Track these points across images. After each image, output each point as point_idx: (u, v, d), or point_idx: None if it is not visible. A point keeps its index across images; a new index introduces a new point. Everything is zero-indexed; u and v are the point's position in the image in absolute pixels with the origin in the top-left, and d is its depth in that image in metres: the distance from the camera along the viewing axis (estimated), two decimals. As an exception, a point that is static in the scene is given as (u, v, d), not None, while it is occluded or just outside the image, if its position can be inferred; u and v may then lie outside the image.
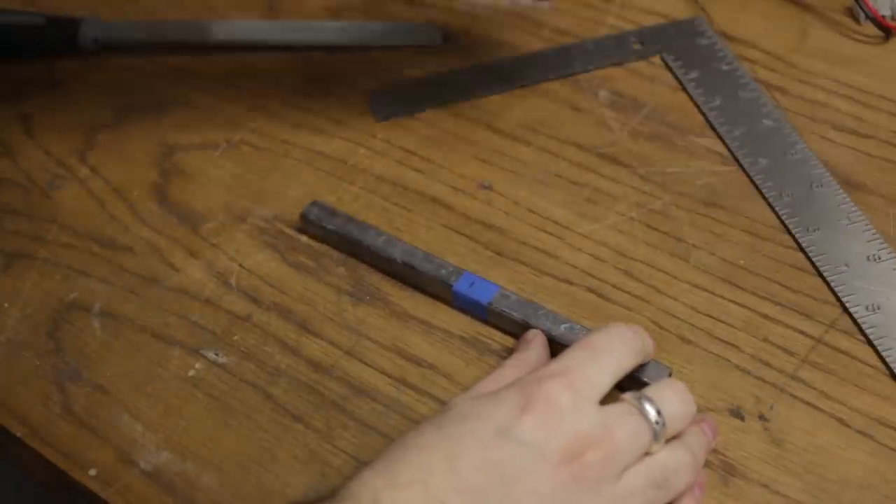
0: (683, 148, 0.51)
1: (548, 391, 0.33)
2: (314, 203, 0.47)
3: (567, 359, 0.35)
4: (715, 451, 0.38)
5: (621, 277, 0.45)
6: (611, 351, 0.36)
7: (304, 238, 0.48)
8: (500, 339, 0.43)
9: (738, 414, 0.40)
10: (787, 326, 0.42)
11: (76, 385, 0.43)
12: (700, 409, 0.40)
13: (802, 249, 0.45)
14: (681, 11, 0.59)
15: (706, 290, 0.44)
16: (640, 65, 0.56)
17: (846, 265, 0.44)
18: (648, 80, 0.55)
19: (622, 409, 0.34)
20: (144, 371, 0.43)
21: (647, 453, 0.34)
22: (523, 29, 0.59)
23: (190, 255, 0.48)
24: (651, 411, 0.34)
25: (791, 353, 0.42)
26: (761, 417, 0.40)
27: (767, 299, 0.43)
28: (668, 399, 0.35)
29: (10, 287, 0.47)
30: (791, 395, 0.40)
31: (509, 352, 0.42)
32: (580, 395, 0.34)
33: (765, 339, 0.42)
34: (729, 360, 0.41)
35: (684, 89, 0.53)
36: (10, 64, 0.59)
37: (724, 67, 0.54)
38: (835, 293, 0.43)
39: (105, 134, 0.54)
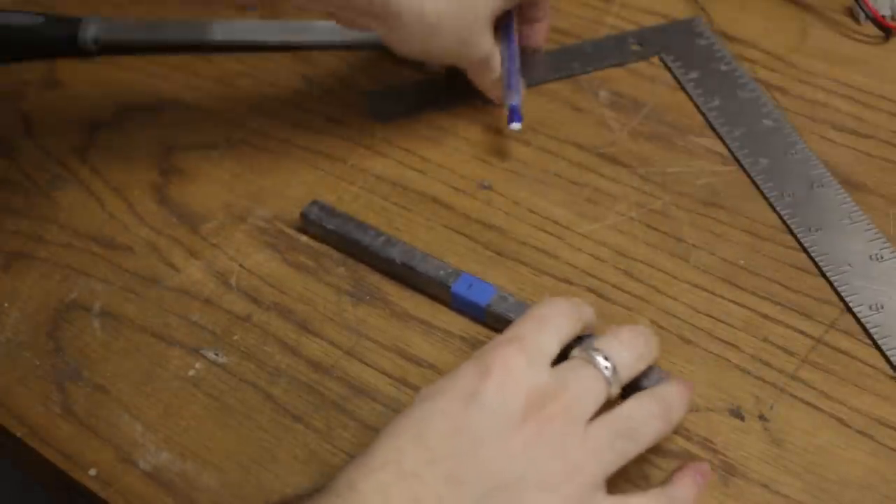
0: (683, 148, 0.51)
1: (503, 355, 0.35)
2: (314, 202, 0.47)
3: (516, 328, 0.37)
4: (715, 451, 0.39)
5: (621, 277, 0.45)
6: (554, 320, 0.37)
7: (304, 238, 0.48)
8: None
9: (738, 414, 0.40)
10: (787, 326, 0.42)
11: (76, 385, 0.43)
12: (700, 409, 0.40)
13: (805, 250, 0.45)
14: (680, 11, 0.59)
15: (706, 290, 0.44)
16: (640, 65, 0.56)
17: (849, 265, 0.44)
18: (648, 80, 0.55)
19: (573, 363, 0.36)
20: (144, 371, 0.43)
21: (610, 404, 0.35)
22: (523, 29, 0.59)
23: (190, 255, 0.48)
24: (600, 359, 0.36)
25: (791, 353, 0.42)
26: (761, 417, 0.40)
27: (767, 299, 0.43)
28: (616, 348, 0.37)
29: (10, 287, 0.47)
30: (791, 395, 0.40)
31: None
32: (532, 357, 0.35)
33: (765, 339, 0.42)
34: (729, 360, 0.42)
35: (683, 89, 0.54)
36: (10, 64, 0.59)
37: (724, 67, 0.54)
38: (838, 293, 0.43)
39: (105, 134, 0.54)
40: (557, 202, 0.49)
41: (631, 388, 0.38)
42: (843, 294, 0.43)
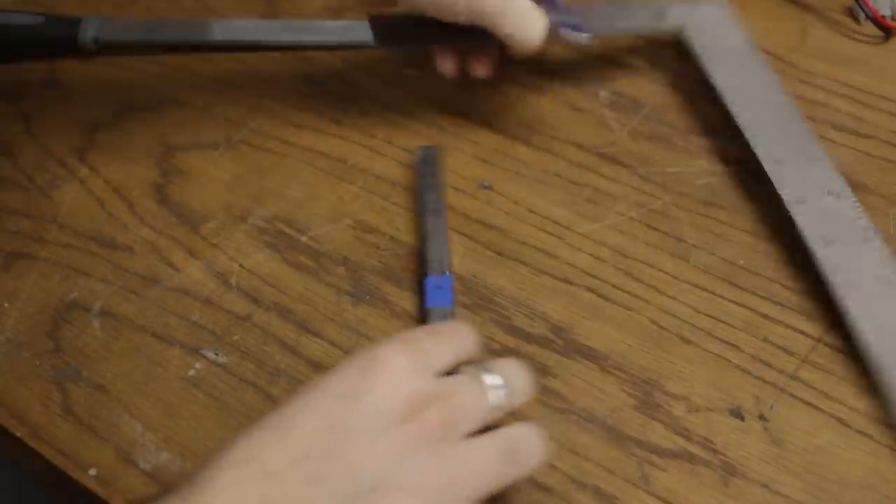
0: (683, 148, 0.51)
1: (386, 355, 0.33)
2: None
3: (406, 333, 0.36)
4: (715, 451, 0.39)
5: (621, 277, 0.45)
6: (453, 337, 0.36)
7: (303, 238, 0.48)
8: (500, 338, 0.43)
9: (738, 414, 0.40)
10: (787, 326, 0.42)
11: (76, 385, 0.43)
12: (700, 409, 0.40)
13: (816, 261, 0.43)
14: (681, 11, 0.59)
15: (706, 290, 0.44)
16: (641, 65, 0.56)
17: (859, 284, 0.42)
18: (648, 80, 0.55)
19: (462, 378, 0.35)
20: (144, 371, 0.43)
21: (494, 425, 0.34)
22: (523, 29, 0.59)
23: (190, 255, 0.48)
24: (491, 379, 0.35)
25: (791, 353, 0.42)
26: (761, 417, 0.40)
27: (767, 299, 0.43)
28: (512, 372, 0.36)
29: (10, 287, 0.47)
30: (791, 395, 0.40)
31: (509, 351, 0.42)
32: (417, 362, 0.34)
33: (765, 339, 0.42)
34: (729, 360, 0.42)
35: (703, 82, 0.53)
36: (10, 64, 0.59)
37: (750, 62, 0.52)
38: (841, 310, 0.42)
39: (105, 134, 0.54)
40: (557, 202, 0.49)
41: None
42: (847, 313, 0.41)
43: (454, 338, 0.36)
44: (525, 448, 0.34)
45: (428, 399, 0.33)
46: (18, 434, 0.41)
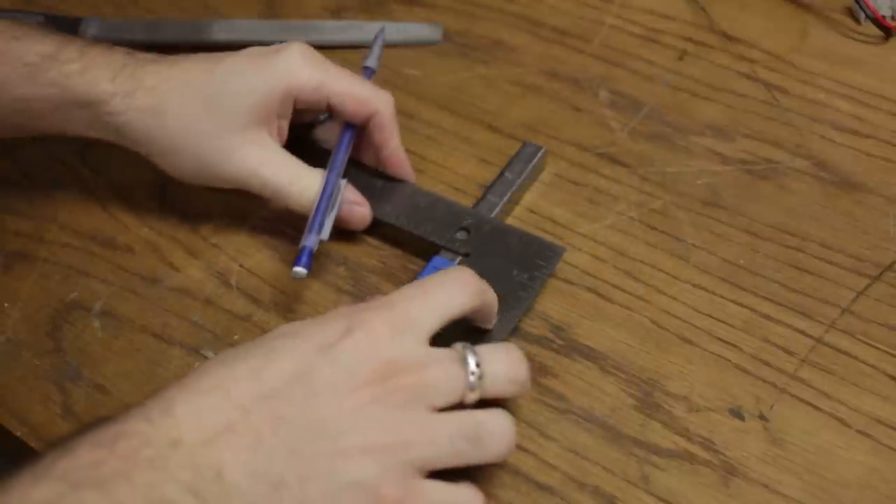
0: (683, 148, 0.51)
1: (369, 320, 0.34)
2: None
3: (396, 294, 0.36)
4: (715, 451, 0.39)
5: (621, 277, 0.45)
6: (442, 292, 0.36)
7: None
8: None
9: (738, 414, 0.40)
10: (787, 326, 0.42)
11: (76, 385, 0.43)
12: (700, 409, 0.40)
13: None
14: (681, 11, 0.59)
15: (706, 290, 0.44)
16: (640, 65, 0.56)
17: None
18: (648, 80, 0.55)
19: (444, 352, 0.35)
20: (144, 371, 0.43)
21: (464, 405, 0.34)
22: (523, 29, 0.59)
23: (190, 255, 0.48)
24: (472, 362, 0.35)
25: (791, 353, 0.42)
26: (761, 417, 0.40)
27: (767, 299, 0.43)
28: (497, 359, 0.35)
29: (10, 287, 0.47)
30: (791, 395, 0.40)
31: (509, 352, 0.42)
32: (399, 328, 0.34)
33: (765, 339, 0.42)
34: (729, 360, 0.41)
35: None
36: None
37: None
38: None
39: (105, 134, 0.54)
40: (557, 202, 0.49)
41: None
42: None
43: (450, 290, 0.36)
44: (487, 434, 0.34)
45: (399, 369, 0.33)
46: (18, 434, 0.41)
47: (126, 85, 0.43)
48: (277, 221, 0.49)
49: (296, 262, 0.42)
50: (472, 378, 0.34)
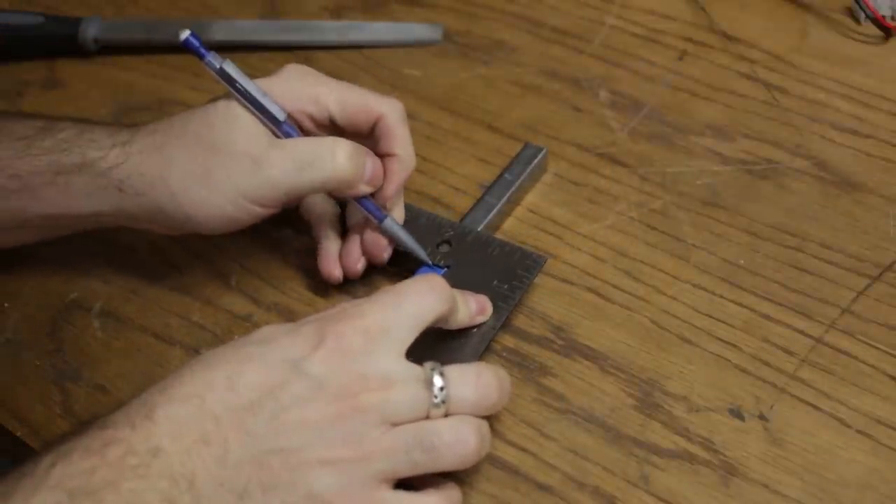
0: (683, 148, 0.51)
1: (342, 332, 0.35)
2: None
3: (369, 303, 0.36)
4: (715, 451, 0.38)
5: (621, 277, 0.45)
6: (415, 299, 0.36)
7: (303, 237, 0.48)
8: (499, 338, 0.43)
9: (738, 414, 0.40)
10: (787, 326, 0.42)
11: (76, 385, 0.43)
12: (700, 409, 0.40)
13: None
14: (681, 11, 0.59)
15: (706, 290, 0.44)
16: (640, 65, 0.56)
17: None
18: (648, 80, 0.55)
19: (413, 372, 0.35)
20: (144, 371, 0.43)
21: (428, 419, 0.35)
22: (523, 29, 0.59)
23: (190, 255, 0.48)
24: (437, 385, 0.35)
25: (791, 353, 0.41)
26: (761, 417, 0.40)
27: (767, 299, 0.43)
28: (465, 381, 0.35)
29: (11, 287, 0.47)
30: (791, 395, 0.40)
31: (509, 350, 0.42)
32: (372, 340, 0.35)
33: (765, 339, 0.42)
34: (729, 360, 0.41)
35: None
36: (10, 64, 0.59)
37: None
38: None
39: (105, 134, 0.54)
40: (557, 202, 0.49)
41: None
42: None
43: (423, 297, 0.37)
44: (444, 445, 0.34)
45: (367, 385, 0.34)
46: (18, 434, 0.41)
47: (123, 136, 0.42)
48: (277, 222, 0.49)
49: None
50: (435, 401, 0.35)
